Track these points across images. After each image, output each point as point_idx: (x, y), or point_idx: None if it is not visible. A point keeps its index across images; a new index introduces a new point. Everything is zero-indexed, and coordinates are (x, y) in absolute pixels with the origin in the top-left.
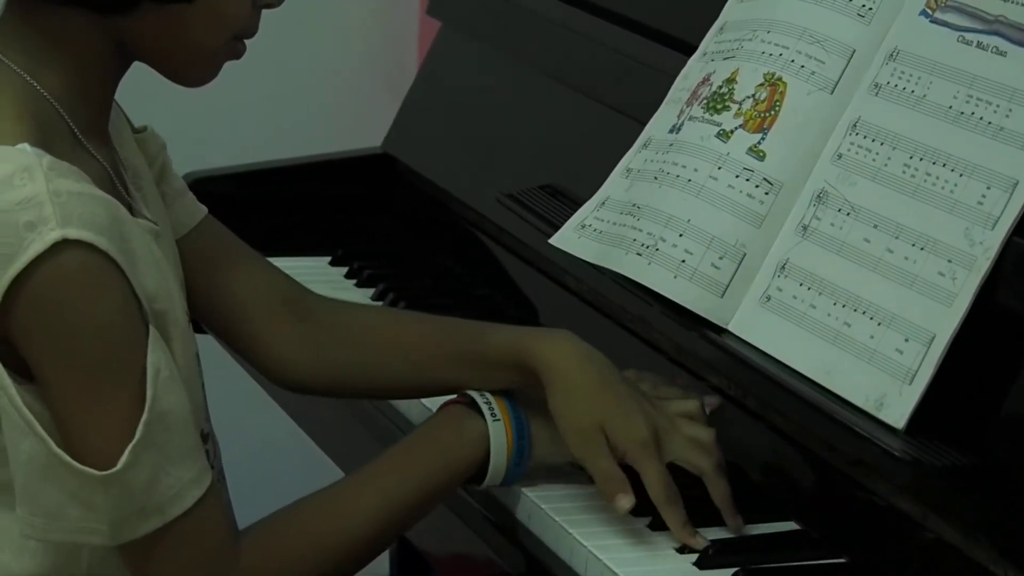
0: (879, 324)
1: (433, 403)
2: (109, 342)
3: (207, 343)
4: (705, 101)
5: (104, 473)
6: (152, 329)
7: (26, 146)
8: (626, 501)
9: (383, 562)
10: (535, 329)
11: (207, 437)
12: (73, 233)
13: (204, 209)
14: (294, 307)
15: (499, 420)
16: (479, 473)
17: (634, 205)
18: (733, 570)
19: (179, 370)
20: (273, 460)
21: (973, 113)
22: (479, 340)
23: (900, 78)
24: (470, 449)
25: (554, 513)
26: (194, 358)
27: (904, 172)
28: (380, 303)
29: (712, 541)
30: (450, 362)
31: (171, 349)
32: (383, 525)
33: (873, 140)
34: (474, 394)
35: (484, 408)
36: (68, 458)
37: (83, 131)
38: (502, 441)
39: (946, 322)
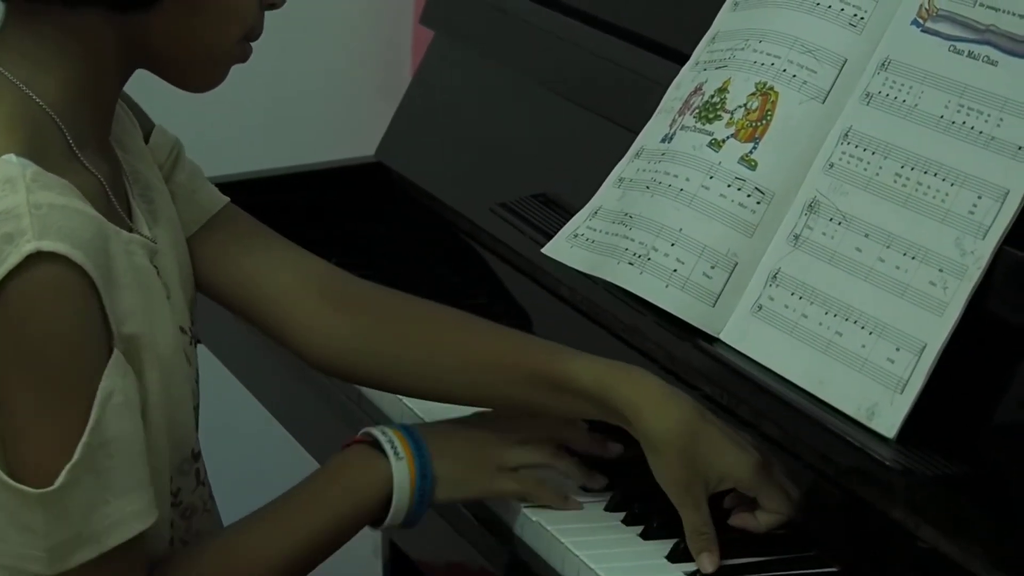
0: (870, 333)
1: (415, 405)
2: (66, 359)
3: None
4: (697, 110)
5: (40, 491)
6: (117, 353)
7: (12, 157)
8: (710, 563)
9: (376, 570)
10: (614, 364)
11: (197, 456)
12: (48, 245)
13: (226, 199)
14: (332, 292)
15: (402, 459)
16: (380, 512)
17: (626, 214)
18: None
19: (155, 394)
20: (261, 463)
21: (964, 122)
22: (559, 364)
23: (892, 87)
24: (376, 489)
25: (546, 522)
26: (184, 380)
27: (895, 181)
28: None
29: None
30: (522, 379)
31: (143, 374)
32: (288, 566)
33: (865, 149)
34: (376, 433)
35: (387, 447)
36: (3, 475)
37: (80, 143)
38: (405, 481)
39: (937, 331)
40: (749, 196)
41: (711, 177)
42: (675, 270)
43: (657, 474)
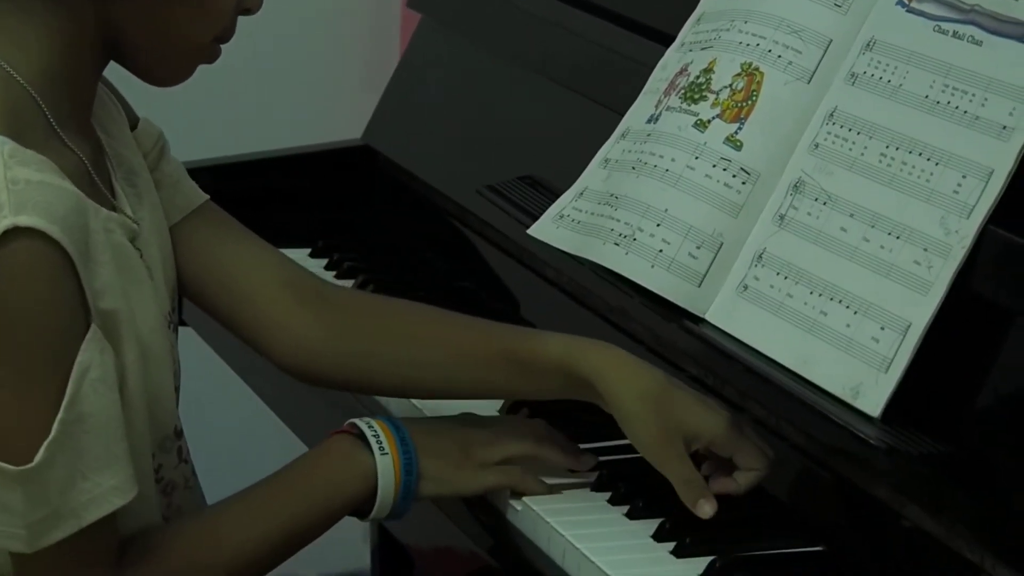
0: (855, 313)
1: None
2: (44, 335)
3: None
4: (683, 91)
5: (19, 469)
6: (94, 329)
7: None
8: (709, 507)
9: (364, 556)
10: (582, 338)
11: (180, 434)
12: (25, 221)
13: (205, 196)
14: (305, 293)
15: (387, 454)
16: (366, 505)
17: (612, 195)
18: (710, 558)
19: (134, 371)
20: (249, 445)
21: (949, 102)
22: (527, 343)
23: (877, 68)
24: (358, 482)
25: (533, 503)
26: (165, 359)
27: (880, 161)
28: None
29: (690, 530)
30: (496, 364)
31: (121, 350)
32: (266, 551)
33: (850, 130)
34: (362, 426)
35: (372, 441)
36: None
37: (61, 122)
38: (389, 476)
39: (922, 310)
40: (735, 176)
41: (696, 158)
42: (661, 250)
43: (633, 439)
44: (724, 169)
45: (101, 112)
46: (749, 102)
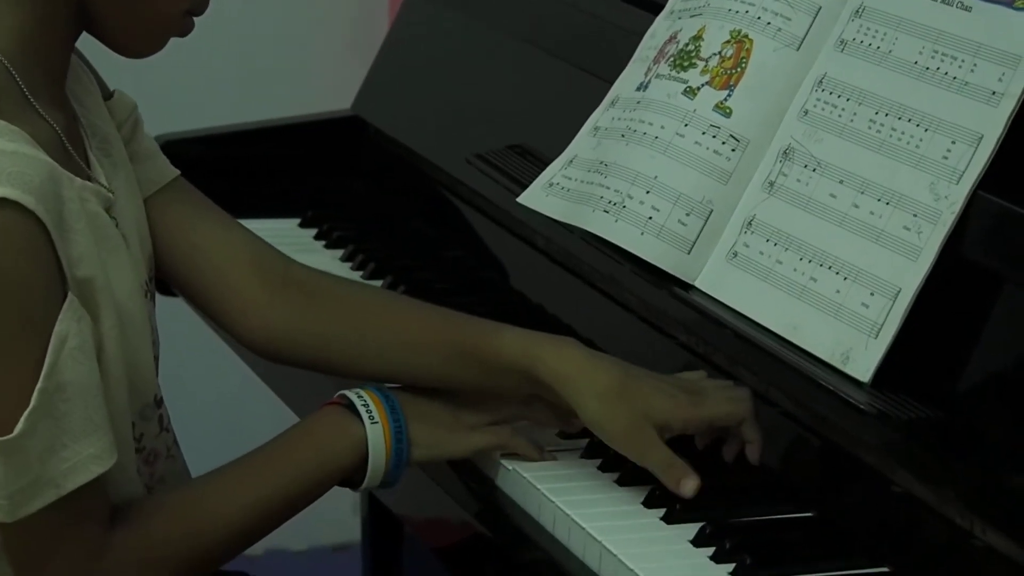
0: (845, 279)
1: None
2: (22, 306)
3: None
4: (672, 59)
5: (0, 439)
6: (71, 298)
7: None
8: (692, 483)
9: (354, 527)
10: (539, 336)
11: (160, 402)
12: None
13: (176, 172)
14: (273, 274)
15: (377, 423)
16: (357, 475)
17: (601, 163)
18: (700, 524)
19: (112, 339)
20: (235, 416)
21: (939, 68)
22: (485, 340)
23: (866, 34)
24: (348, 452)
25: (523, 470)
26: (143, 327)
27: (870, 128)
28: (349, 264)
29: (680, 496)
30: (453, 357)
31: (99, 318)
32: (256, 518)
33: (839, 96)
34: (352, 396)
35: (362, 411)
36: None
37: (34, 92)
38: (380, 445)
39: (911, 276)
40: (724, 143)
41: (686, 125)
42: (650, 218)
43: (603, 438)
44: (713, 136)
45: (75, 83)
46: (738, 69)
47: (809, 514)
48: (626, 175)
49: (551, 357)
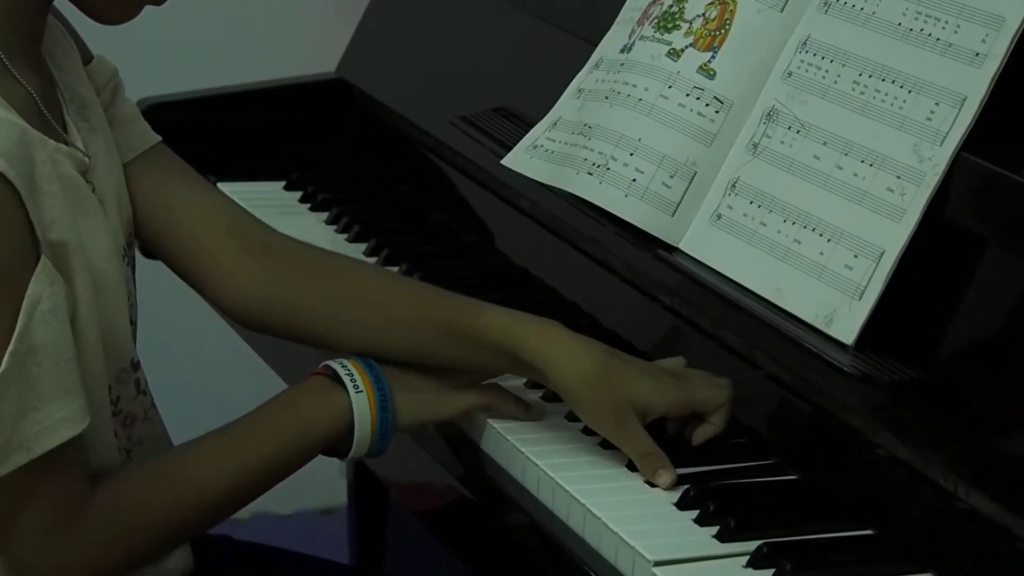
0: (829, 240)
1: None
2: None
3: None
4: (656, 20)
5: None
6: (44, 260)
7: None
8: (668, 477)
9: (341, 491)
10: (522, 316)
11: (137, 366)
12: None
13: (157, 138)
14: (251, 242)
15: (362, 392)
16: (343, 444)
17: (585, 125)
18: (684, 487)
19: (86, 302)
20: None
21: (922, 30)
22: (468, 318)
23: None
24: (332, 421)
25: (506, 433)
26: (119, 290)
27: (854, 89)
28: (334, 227)
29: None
30: (437, 333)
31: (73, 281)
32: (238, 486)
33: (823, 58)
34: (335, 366)
35: (347, 381)
36: None
37: (9, 55)
38: (365, 412)
39: (895, 238)
40: (708, 105)
41: (670, 87)
42: (634, 180)
43: (585, 420)
44: (697, 98)
45: (53, 46)
46: (722, 31)
47: (793, 476)
48: (610, 137)
49: (534, 337)
